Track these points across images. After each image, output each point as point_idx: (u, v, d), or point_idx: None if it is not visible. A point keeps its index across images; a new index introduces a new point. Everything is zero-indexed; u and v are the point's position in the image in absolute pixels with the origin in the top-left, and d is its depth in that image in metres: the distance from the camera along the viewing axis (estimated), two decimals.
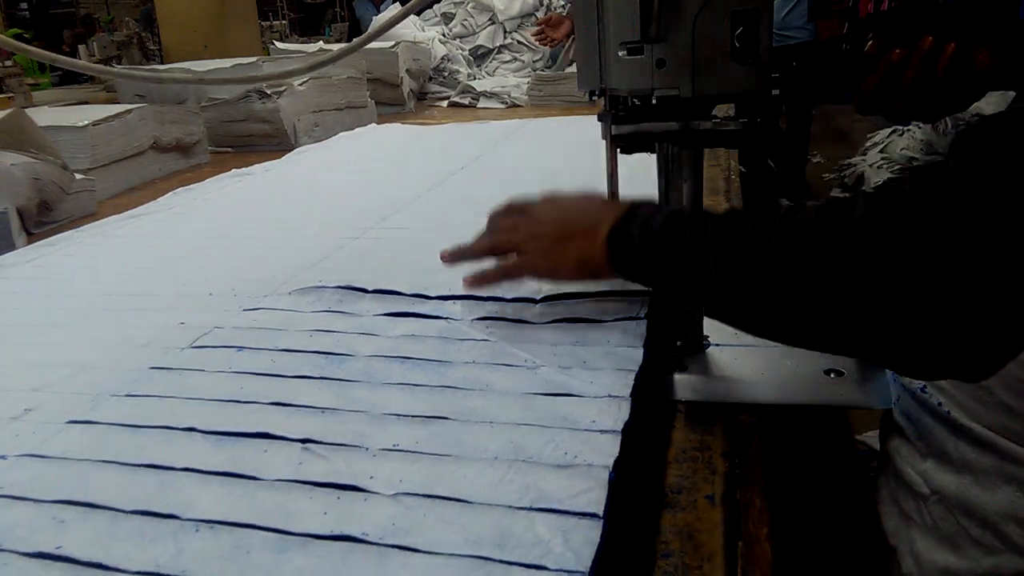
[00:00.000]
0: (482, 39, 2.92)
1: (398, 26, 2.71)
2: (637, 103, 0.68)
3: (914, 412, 0.68)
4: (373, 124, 1.91)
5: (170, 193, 1.27)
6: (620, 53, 0.64)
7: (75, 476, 0.49)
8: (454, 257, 0.70)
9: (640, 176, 0.75)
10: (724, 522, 0.50)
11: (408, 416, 0.54)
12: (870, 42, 0.61)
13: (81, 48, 5.01)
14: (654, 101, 0.65)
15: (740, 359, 0.65)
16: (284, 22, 7.00)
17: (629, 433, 0.51)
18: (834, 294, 0.44)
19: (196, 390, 0.59)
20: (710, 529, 0.50)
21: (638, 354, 0.61)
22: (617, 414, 0.53)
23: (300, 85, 1.95)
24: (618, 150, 0.70)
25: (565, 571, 0.39)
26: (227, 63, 2.04)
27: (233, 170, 1.39)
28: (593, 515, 0.43)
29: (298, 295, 0.76)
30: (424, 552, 0.41)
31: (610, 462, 0.48)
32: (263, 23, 5.79)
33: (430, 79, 2.71)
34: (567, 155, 1.40)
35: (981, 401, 0.62)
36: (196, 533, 0.43)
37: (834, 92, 0.66)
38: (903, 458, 0.70)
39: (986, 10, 0.59)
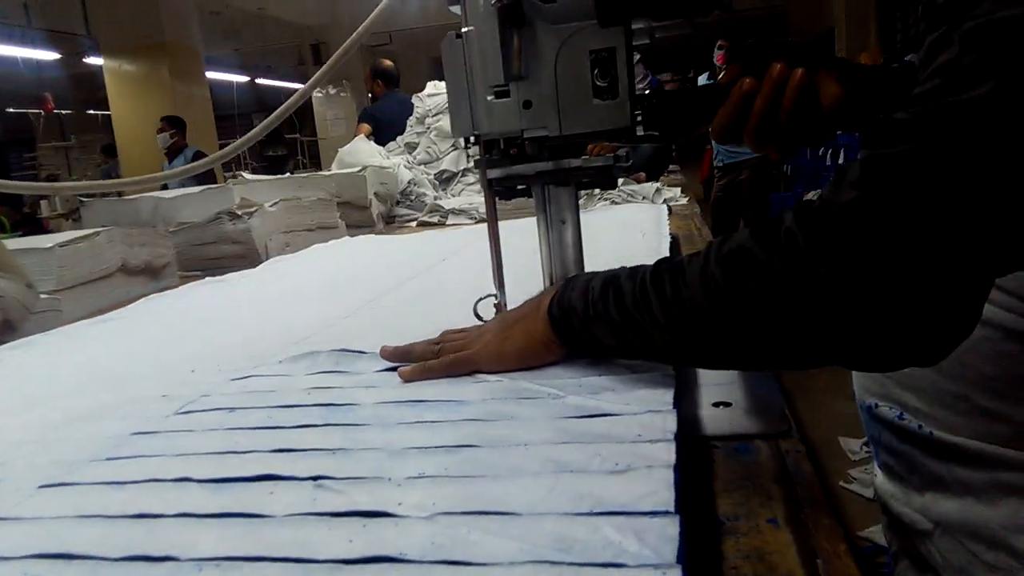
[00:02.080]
0: (446, 164, 2.99)
1: (364, 154, 2.77)
2: (513, 152, 0.69)
3: (897, 445, 0.66)
4: (346, 237, 1.90)
5: (140, 300, 1.22)
6: (488, 97, 0.66)
7: (49, 533, 0.42)
8: (395, 357, 0.67)
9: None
10: (795, 542, 0.45)
11: (431, 447, 0.48)
12: (723, 73, 0.61)
13: (44, 203, 5.03)
14: (523, 142, 0.67)
15: None
16: (247, 173, 7.17)
17: (680, 442, 0.46)
18: (785, 308, 0.44)
19: (186, 448, 0.53)
20: (781, 550, 0.44)
21: (669, 369, 0.56)
22: (664, 425, 0.48)
23: (271, 207, 1.94)
24: (496, 198, 0.72)
25: (650, 566, 0.33)
26: (196, 189, 2.04)
27: (207, 278, 1.35)
28: (665, 512, 0.37)
29: (290, 363, 0.71)
30: (476, 564, 0.34)
31: (670, 465, 0.42)
32: (227, 174, 5.90)
33: (398, 203, 2.74)
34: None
35: (960, 411, 0.60)
36: (199, 572, 0.36)
37: (695, 127, 0.66)
38: (899, 501, 0.67)
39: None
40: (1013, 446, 0.57)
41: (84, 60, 7.83)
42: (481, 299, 0.74)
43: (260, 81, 11.41)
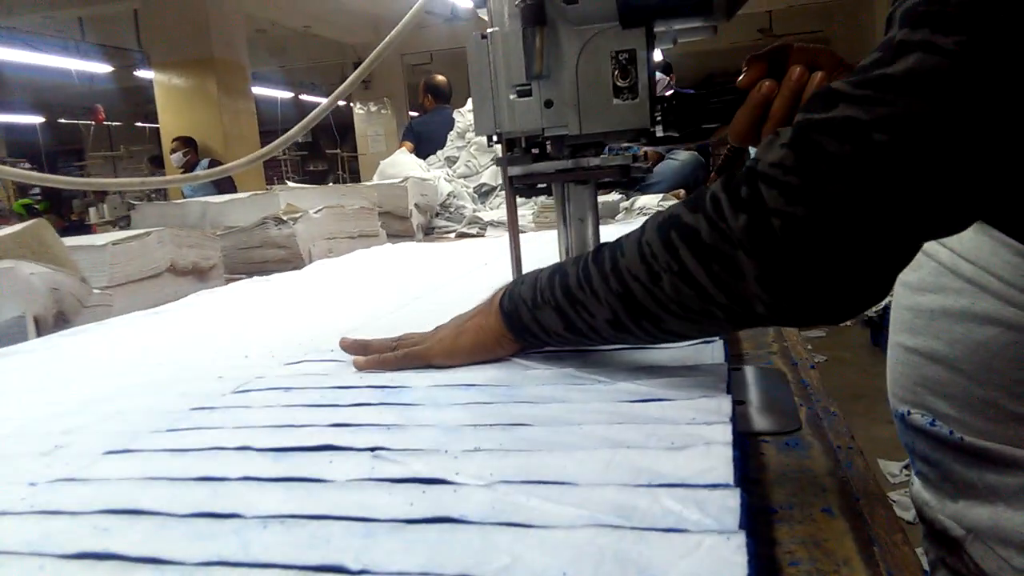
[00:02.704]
0: (486, 177, 3.01)
1: (405, 166, 2.80)
2: (535, 152, 0.70)
3: (930, 453, 0.65)
4: (388, 244, 1.92)
5: (191, 295, 1.24)
6: (511, 96, 0.67)
7: (117, 492, 0.43)
8: (353, 349, 0.69)
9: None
10: (851, 531, 0.44)
11: (485, 425, 0.49)
12: (742, 76, 0.61)
13: (92, 211, 5.17)
14: (544, 140, 0.68)
15: None
16: (290, 182, 7.31)
17: (736, 427, 0.46)
18: (709, 266, 0.46)
19: (245, 422, 0.54)
20: (837, 537, 0.44)
21: (720, 351, 0.56)
22: (718, 408, 0.48)
23: (315, 213, 1.97)
24: (516, 196, 0.73)
25: (713, 531, 0.33)
26: (243, 195, 2.08)
27: (255, 277, 1.38)
28: (725, 485, 0.37)
29: (341, 350, 0.72)
30: (537, 527, 0.35)
31: (728, 443, 0.42)
32: (269, 187, 6.03)
33: (437, 214, 2.76)
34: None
35: (990, 417, 0.59)
36: (264, 529, 0.37)
37: (714, 128, 0.66)
38: (933, 508, 0.66)
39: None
40: None
41: (134, 73, 8.06)
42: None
43: (304, 97, 11.62)
